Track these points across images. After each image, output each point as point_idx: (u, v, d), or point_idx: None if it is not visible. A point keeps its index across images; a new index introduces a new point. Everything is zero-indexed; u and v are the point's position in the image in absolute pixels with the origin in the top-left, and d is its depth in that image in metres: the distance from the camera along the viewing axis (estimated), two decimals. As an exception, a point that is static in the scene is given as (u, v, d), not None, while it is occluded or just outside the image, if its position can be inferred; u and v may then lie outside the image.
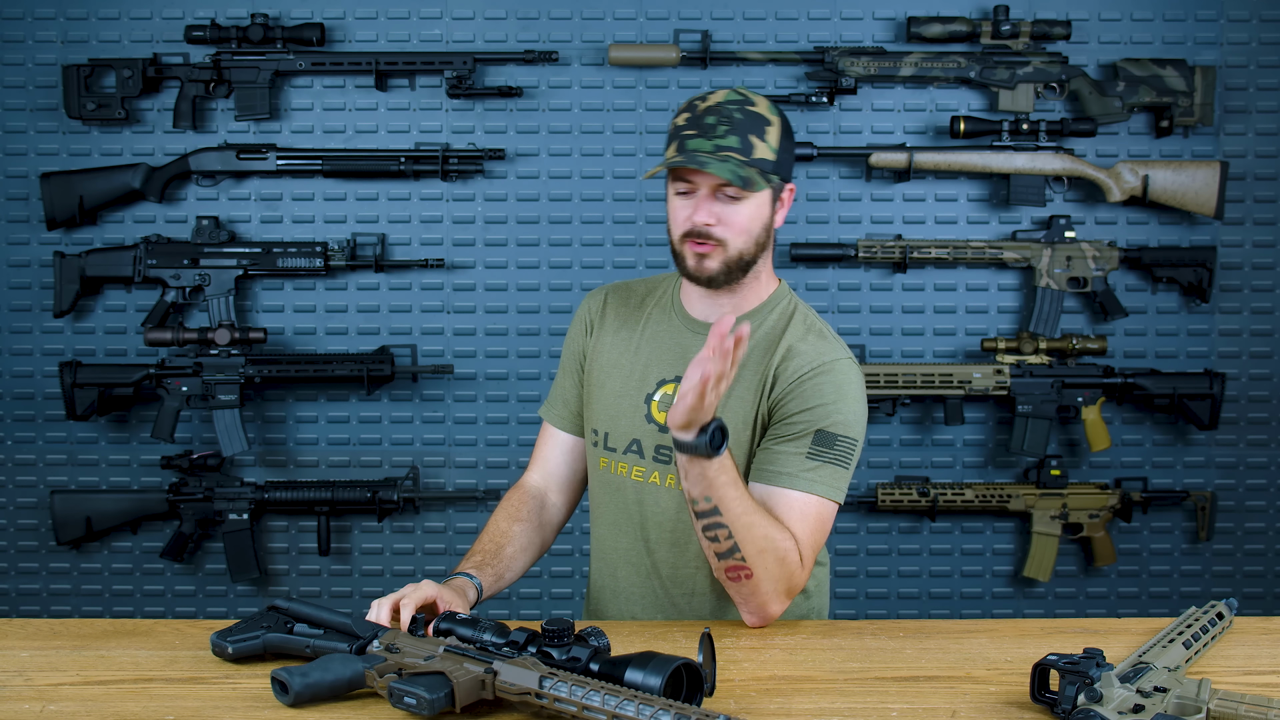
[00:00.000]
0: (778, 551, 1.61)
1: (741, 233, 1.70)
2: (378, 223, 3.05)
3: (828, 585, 1.90)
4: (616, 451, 1.82)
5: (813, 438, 1.68)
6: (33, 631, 1.64)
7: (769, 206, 1.73)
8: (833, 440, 1.68)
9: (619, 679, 1.26)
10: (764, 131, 1.69)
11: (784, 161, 1.73)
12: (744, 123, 1.68)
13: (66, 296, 2.97)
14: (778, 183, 1.72)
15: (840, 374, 1.72)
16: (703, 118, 1.69)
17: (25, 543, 3.12)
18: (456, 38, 3.03)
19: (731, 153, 1.66)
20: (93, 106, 2.96)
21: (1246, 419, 3.12)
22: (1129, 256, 3.01)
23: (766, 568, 1.60)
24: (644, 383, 1.81)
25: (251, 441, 3.02)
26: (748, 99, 1.71)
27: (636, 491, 1.79)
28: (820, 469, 1.67)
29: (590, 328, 1.92)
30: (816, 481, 1.67)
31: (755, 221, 1.71)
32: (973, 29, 2.96)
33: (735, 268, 1.72)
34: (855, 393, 1.73)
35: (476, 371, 3.08)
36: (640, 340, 1.85)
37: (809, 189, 3.05)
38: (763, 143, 1.68)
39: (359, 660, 1.38)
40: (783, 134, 1.72)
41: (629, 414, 1.81)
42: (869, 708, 1.36)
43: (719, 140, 1.66)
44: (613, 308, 1.91)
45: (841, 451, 1.69)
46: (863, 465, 3.10)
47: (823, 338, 1.77)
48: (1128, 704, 1.24)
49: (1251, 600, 3.11)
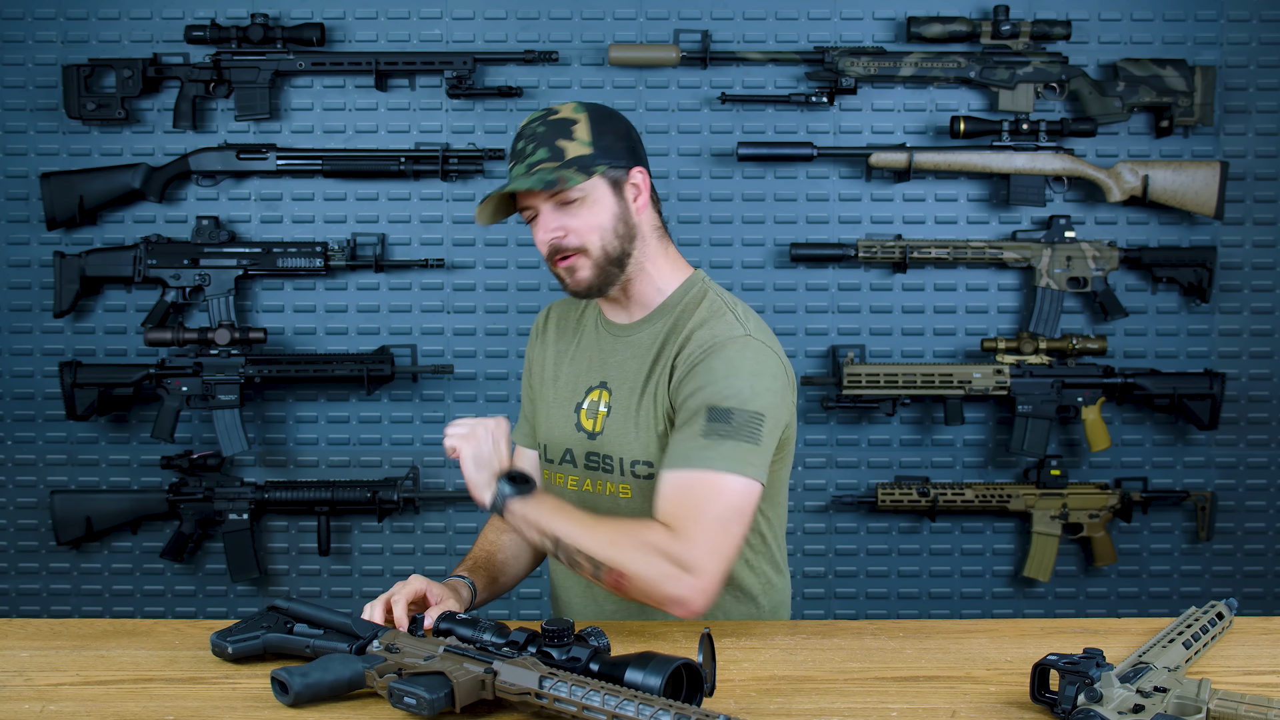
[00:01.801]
0: (638, 541, 1.56)
1: (591, 232, 1.69)
2: (378, 223, 3.05)
3: (786, 592, 1.88)
4: (554, 463, 1.84)
5: (705, 415, 1.61)
6: (33, 631, 1.64)
7: (611, 197, 1.70)
8: (726, 415, 1.60)
9: (619, 679, 1.26)
10: (570, 132, 1.69)
11: (607, 149, 1.70)
12: (546, 133, 1.69)
13: (66, 296, 2.97)
14: (607, 170, 1.69)
15: (734, 350, 1.66)
16: (515, 146, 1.72)
17: (25, 543, 3.12)
18: (456, 38, 3.03)
19: (543, 164, 1.67)
20: (93, 106, 2.96)
21: (1246, 419, 3.12)
22: (1129, 256, 3.01)
23: (635, 561, 1.55)
24: (574, 392, 1.83)
25: (251, 441, 3.02)
26: (551, 110, 1.72)
27: (574, 500, 1.78)
28: (719, 444, 1.59)
29: (537, 339, 1.95)
30: (716, 458, 1.58)
31: (601, 216, 1.69)
32: (973, 29, 2.96)
33: (606, 268, 1.71)
34: (752, 366, 1.65)
35: (476, 371, 3.08)
36: (575, 351, 1.86)
37: (809, 189, 3.05)
38: (572, 142, 1.68)
39: (359, 660, 1.38)
40: (594, 125, 1.70)
41: (561, 424, 1.83)
42: (869, 708, 1.36)
43: (530, 159, 1.68)
44: (553, 322, 1.93)
45: (741, 425, 1.60)
46: (862, 465, 3.10)
47: (722, 318, 1.71)
48: (1128, 704, 1.24)
49: (1251, 600, 3.11)
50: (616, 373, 1.78)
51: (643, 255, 1.74)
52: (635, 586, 1.56)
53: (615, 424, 1.76)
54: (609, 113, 1.75)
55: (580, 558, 1.58)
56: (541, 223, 1.70)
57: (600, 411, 1.78)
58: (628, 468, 1.74)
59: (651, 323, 1.78)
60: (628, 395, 1.76)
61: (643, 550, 1.55)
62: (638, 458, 1.73)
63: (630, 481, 1.74)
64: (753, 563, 1.80)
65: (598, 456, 1.77)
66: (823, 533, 3.10)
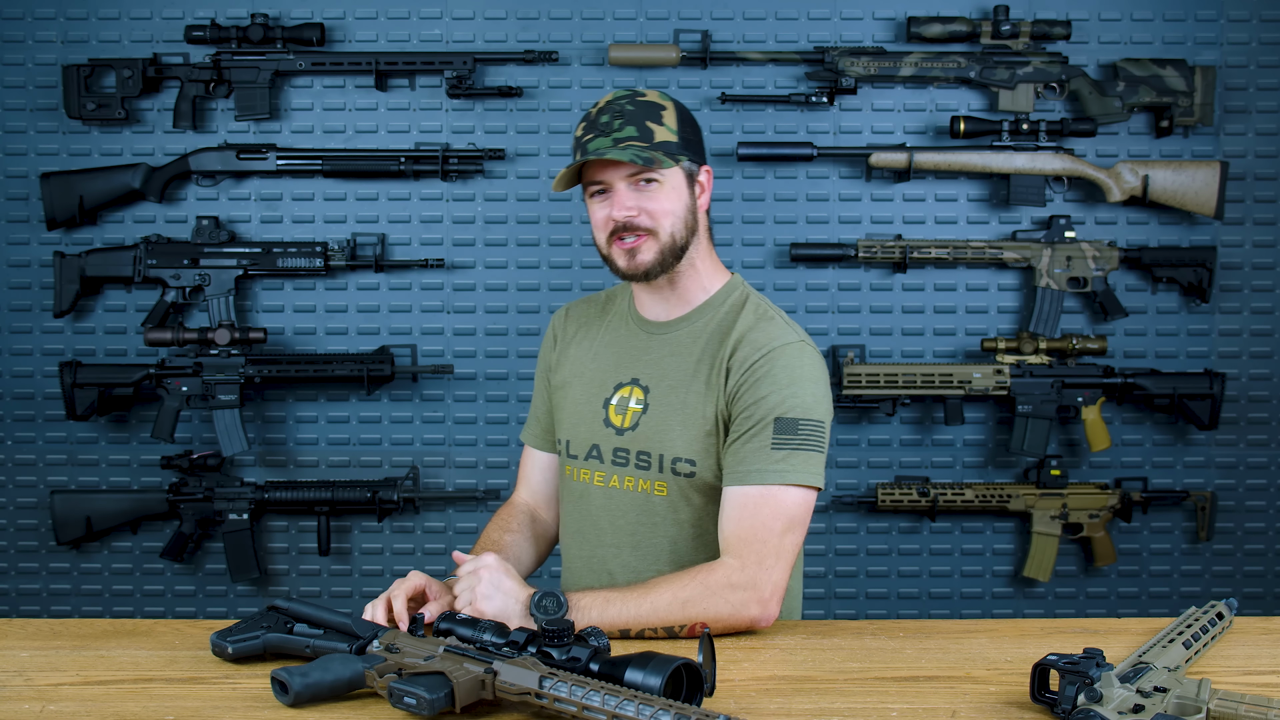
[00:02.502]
0: (705, 590, 1.60)
1: (666, 215, 1.71)
2: (378, 223, 3.05)
3: (799, 597, 1.88)
4: (578, 458, 1.84)
5: (773, 427, 1.65)
6: (33, 631, 1.64)
7: (686, 188, 1.73)
8: (794, 425, 1.65)
9: (619, 679, 1.26)
10: (660, 116, 1.71)
11: (689, 143, 1.73)
12: (637, 113, 1.70)
13: (66, 296, 2.97)
14: (688, 164, 1.73)
15: (791, 357, 1.70)
16: (597, 119, 1.71)
17: (25, 543, 3.12)
18: (456, 38, 3.03)
19: (631, 141, 1.68)
20: (93, 106, 2.96)
21: (1246, 419, 3.12)
22: (1129, 256, 3.01)
23: (710, 609, 1.59)
24: (602, 388, 1.83)
25: (251, 441, 3.02)
26: (638, 92, 1.74)
27: (599, 497, 1.79)
28: (790, 456, 1.65)
29: (555, 342, 1.94)
30: (789, 470, 1.65)
31: (676, 203, 1.72)
32: (973, 29, 2.96)
33: (669, 254, 1.73)
34: (810, 374, 1.70)
35: (476, 371, 3.08)
36: (599, 347, 1.87)
37: (809, 189, 3.05)
38: (661, 126, 1.70)
39: (359, 660, 1.38)
40: (680, 118, 1.74)
41: (588, 420, 1.82)
42: (869, 708, 1.36)
43: (617, 134, 1.69)
44: (574, 320, 1.93)
45: (807, 435, 1.66)
46: (862, 465, 3.10)
47: (772, 322, 1.75)
48: (1128, 704, 1.24)
49: (1251, 600, 3.11)
50: (653, 370, 1.79)
51: (695, 252, 1.77)
52: (722, 626, 1.60)
53: (654, 421, 1.76)
54: (688, 109, 1.78)
55: (658, 629, 1.59)
56: (617, 200, 1.70)
57: (632, 408, 1.78)
58: (668, 465, 1.75)
59: (691, 321, 1.79)
60: (668, 392, 1.76)
61: (713, 594, 1.60)
62: (680, 455, 1.74)
63: (669, 479, 1.75)
64: None
65: (627, 453, 1.77)
66: (823, 533, 3.10)
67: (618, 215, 1.70)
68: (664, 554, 1.76)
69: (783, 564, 1.64)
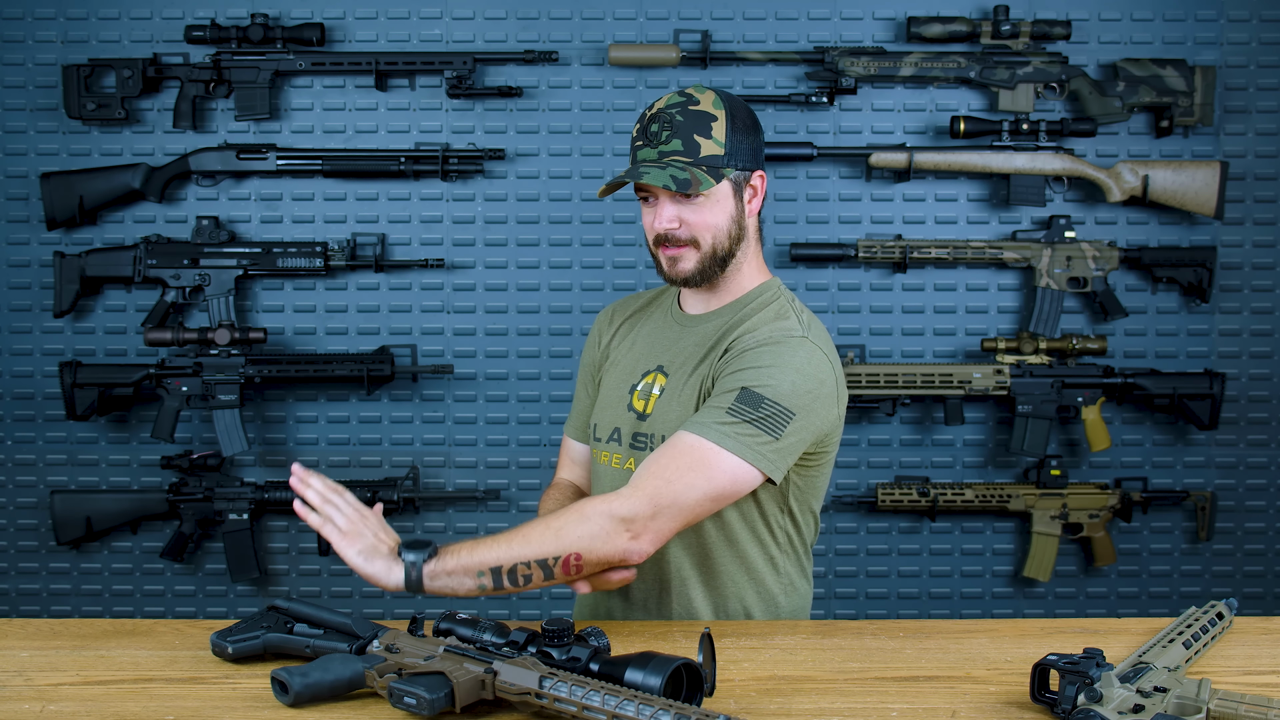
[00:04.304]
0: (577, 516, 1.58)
1: (707, 229, 1.72)
2: (378, 223, 3.05)
3: (808, 599, 1.87)
4: (601, 441, 1.86)
5: (736, 394, 1.63)
6: (33, 631, 1.64)
7: (731, 199, 1.74)
8: (757, 401, 1.61)
9: (619, 679, 1.26)
10: (709, 128, 1.70)
11: (739, 151, 1.72)
12: (685, 124, 1.70)
13: (66, 296, 2.97)
14: (735, 175, 1.73)
15: (786, 346, 1.68)
16: (649, 126, 1.72)
17: (25, 543, 3.11)
18: (456, 38, 3.03)
19: (676, 156, 1.69)
20: (93, 106, 2.95)
21: (1246, 419, 3.12)
22: (1129, 256, 3.01)
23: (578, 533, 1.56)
24: (631, 374, 1.85)
25: (251, 441, 3.02)
26: (691, 98, 1.72)
27: (617, 479, 1.80)
28: (739, 426, 1.60)
29: (600, 340, 1.97)
30: (730, 438, 1.60)
31: (719, 216, 1.72)
32: (973, 29, 2.96)
33: (711, 264, 1.74)
34: (800, 366, 1.66)
35: (476, 371, 3.08)
36: (637, 338, 1.89)
37: (809, 189, 3.05)
38: (708, 140, 1.70)
39: (359, 660, 1.38)
40: (732, 125, 1.72)
41: (615, 404, 1.84)
42: (869, 708, 1.36)
43: (663, 146, 1.69)
44: (620, 315, 1.96)
45: (767, 415, 1.61)
46: (862, 465, 3.10)
47: (784, 319, 1.74)
48: (1128, 704, 1.24)
49: (1251, 600, 3.11)
50: (675, 358, 1.80)
51: (743, 257, 1.78)
52: (588, 560, 1.56)
53: (663, 404, 1.78)
54: (745, 110, 1.76)
55: (531, 569, 1.55)
56: (660, 212, 1.71)
57: (653, 394, 1.80)
58: None
59: (722, 315, 1.80)
60: (680, 378, 1.78)
61: (586, 520, 1.57)
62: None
63: None
64: (778, 562, 1.80)
65: (645, 436, 1.78)
66: (823, 533, 3.09)
67: (659, 227, 1.72)
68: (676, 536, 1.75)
69: (677, 520, 1.60)
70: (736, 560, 1.77)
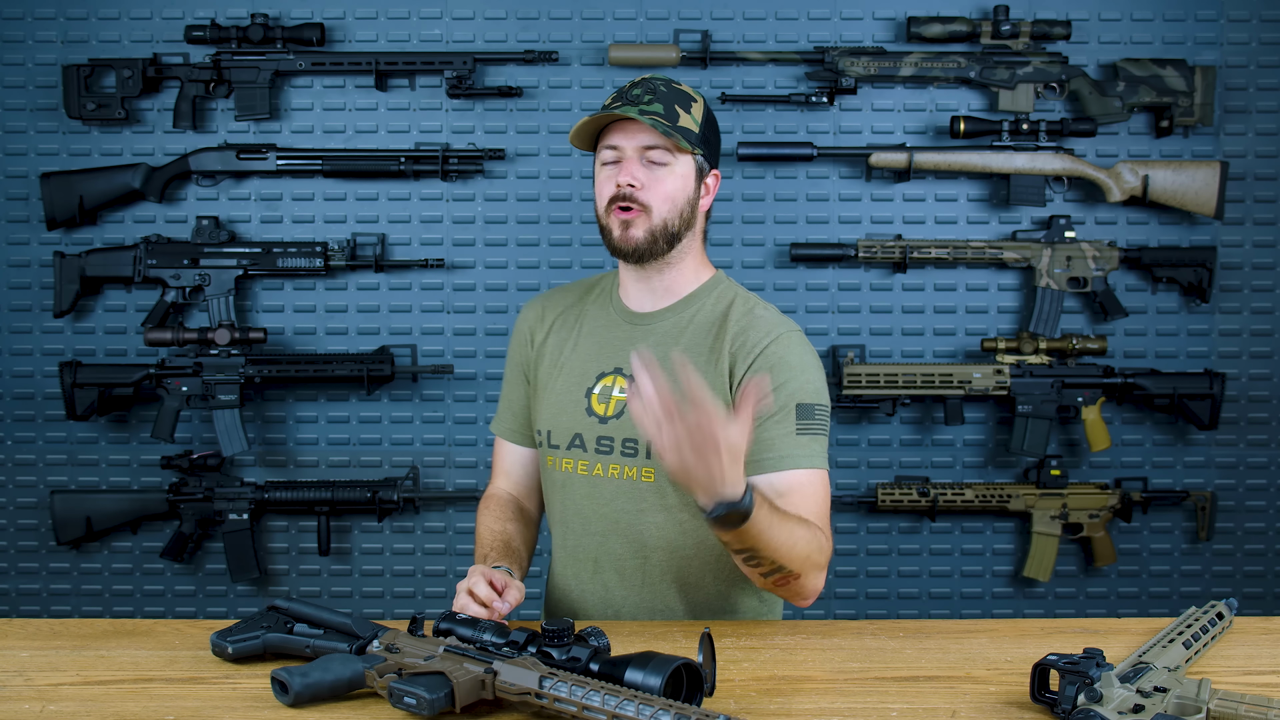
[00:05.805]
0: (811, 547, 1.61)
1: (665, 199, 1.74)
2: (378, 223, 3.05)
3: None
4: (560, 448, 1.84)
5: (795, 413, 1.71)
6: (33, 631, 1.64)
7: (692, 180, 1.77)
8: (811, 411, 1.72)
9: (619, 679, 1.26)
10: (689, 107, 1.75)
11: (707, 141, 1.78)
12: (669, 95, 1.75)
13: (66, 296, 2.97)
14: (701, 161, 1.77)
15: (797, 344, 1.76)
16: (629, 91, 1.75)
17: (25, 543, 3.12)
18: (456, 38, 3.03)
19: (657, 117, 1.72)
20: (93, 106, 2.96)
21: (1246, 419, 3.12)
22: (1129, 256, 3.01)
23: (806, 566, 1.61)
24: (584, 378, 1.84)
25: (251, 441, 3.02)
26: (673, 80, 1.78)
27: (584, 485, 1.80)
28: (811, 442, 1.71)
29: (531, 338, 1.94)
30: (814, 455, 1.71)
31: (679, 191, 1.75)
32: (973, 29, 2.96)
33: (660, 237, 1.75)
34: (814, 361, 1.77)
35: (476, 371, 3.08)
36: (579, 337, 1.88)
37: (809, 189, 3.05)
38: (687, 115, 1.74)
39: (359, 660, 1.38)
40: (706, 117, 1.78)
41: (570, 410, 1.83)
42: (869, 708, 1.36)
43: (644, 106, 1.72)
44: (551, 312, 1.94)
45: (820, 420, 1.73)
46: (862, 465, 3.10)
47: (768, 310, 1.81)
48: (1128, 704, 1.24)
49: (1251, 600, 3.11)
50: None
51: (689, 246, 1.81)
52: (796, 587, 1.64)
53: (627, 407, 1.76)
54: (714, 115, 1.83)
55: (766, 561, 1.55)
56: (625, 167, 1.73)
57: (615, 396, 1.79)
58: (655, 452, 1.74)
59: (677, 312, 1.81)
60: None
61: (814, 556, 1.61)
62: None
63: (656, 465, 1.75)
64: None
65: (612, 440, 1.78)
66: (823, 533, 3.10)
67: (621, 180, 1.73)
68: (651, 539, 1.77)
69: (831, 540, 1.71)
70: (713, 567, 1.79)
